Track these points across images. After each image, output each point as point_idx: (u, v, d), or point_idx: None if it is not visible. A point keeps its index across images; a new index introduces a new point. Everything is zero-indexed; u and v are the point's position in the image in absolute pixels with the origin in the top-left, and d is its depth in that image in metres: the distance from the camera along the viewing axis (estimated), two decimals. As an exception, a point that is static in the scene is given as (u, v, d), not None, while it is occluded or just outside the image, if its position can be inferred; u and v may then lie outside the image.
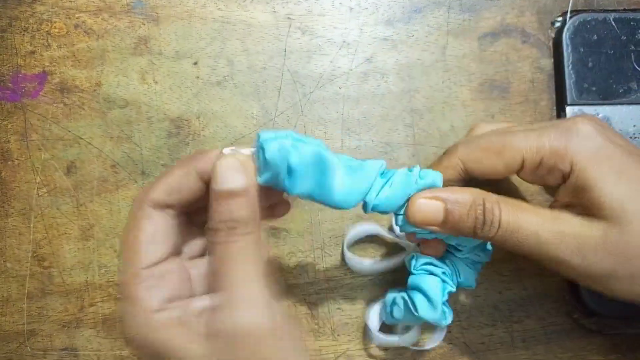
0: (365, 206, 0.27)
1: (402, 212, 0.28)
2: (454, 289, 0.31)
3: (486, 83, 0.37)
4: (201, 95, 0.37)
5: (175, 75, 0.37)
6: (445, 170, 0.28)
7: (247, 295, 0.23)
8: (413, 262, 0.31)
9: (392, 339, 0.34)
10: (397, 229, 0.32)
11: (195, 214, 0.27)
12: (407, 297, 0.31)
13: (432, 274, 0.31)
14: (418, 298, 0.31)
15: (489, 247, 0.31)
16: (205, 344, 0.23)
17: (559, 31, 0.38)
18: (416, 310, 0.30)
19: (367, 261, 0.35)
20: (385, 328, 0.35)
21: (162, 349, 0.23)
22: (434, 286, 0.30)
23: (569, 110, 0.37)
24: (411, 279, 0.31)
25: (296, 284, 0.36)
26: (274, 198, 0.27)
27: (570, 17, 0.37)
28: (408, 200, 0.27)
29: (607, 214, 0.25)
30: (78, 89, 0.37)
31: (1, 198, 0.36)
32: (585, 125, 0.26)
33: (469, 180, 0.29)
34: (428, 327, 0.35)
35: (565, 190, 0.27)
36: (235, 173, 0.23)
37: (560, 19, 0.38)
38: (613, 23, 0.37)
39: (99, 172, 0.36)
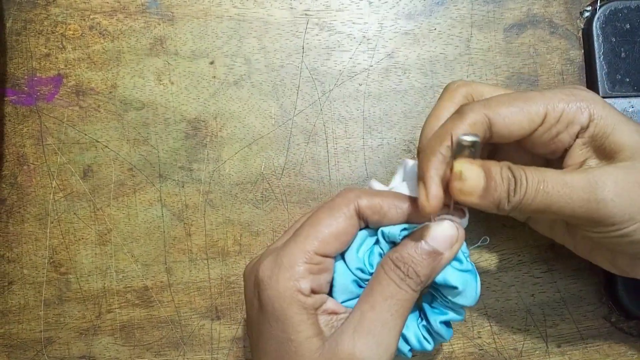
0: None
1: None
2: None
3: (513, 76, 0.36)
4: (218, 96, 0.36)
5: (192, 75, 0.36)
6: (472, 127, 0.26)
7: (376, 336, 0.25)
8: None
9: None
10: None
11: None
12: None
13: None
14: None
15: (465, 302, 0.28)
16: (317, 342, 0.25)
17: (589, 21, 0.36)
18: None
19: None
20: None
21: (283, 320, 0.25)
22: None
23: (601, 103, 0.35)
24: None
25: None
26: None
27: (601, 6, 0.36)
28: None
29: (628, 154, 0.26)
30: (94, 92, 0.36)
31: (17, 203, 0.36)
32: (586, 90, 0.28)
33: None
34: None
35: (580, 146, 0.27)
36: (449, 242, 0.26)
37: (589, 8, 0.36)
38: (647, 10, 0.35)
39: (116, 175, 0.36)
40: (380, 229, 0.27)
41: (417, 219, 0.27)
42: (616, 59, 0.35)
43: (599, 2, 0.36)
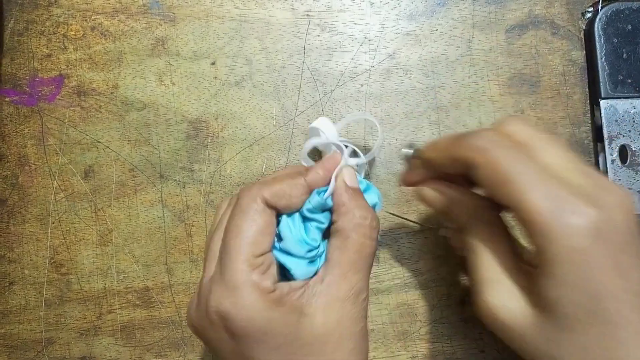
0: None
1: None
2: None
3: (515, 77, 0.36)
4: (219, 96, 0.36)
5: (193, 76, 0.36)
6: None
7: (365, 291, 0.27)
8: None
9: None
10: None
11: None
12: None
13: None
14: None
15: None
16: (306, 319, 0.25)
17: (591, 22, 0.36)
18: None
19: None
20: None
21: (271, 329, 0.25)
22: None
23: (603, 103, 0.35)
24: None
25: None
26: None
27: (602, 7, 0.36)
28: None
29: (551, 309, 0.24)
30: (95, 92, 0.36)
31: (18, 204, 0.36)
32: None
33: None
34: None
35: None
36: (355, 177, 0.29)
37: (591, 9, 0.36)
38: (649, 11, 0.35)
39: (117, 176, 0.36)
40: (304, 208, 0.28)
41: (318, 185, 0.28)
42: (618, 60, 0.35)
43: (600, 3, 0.36)
